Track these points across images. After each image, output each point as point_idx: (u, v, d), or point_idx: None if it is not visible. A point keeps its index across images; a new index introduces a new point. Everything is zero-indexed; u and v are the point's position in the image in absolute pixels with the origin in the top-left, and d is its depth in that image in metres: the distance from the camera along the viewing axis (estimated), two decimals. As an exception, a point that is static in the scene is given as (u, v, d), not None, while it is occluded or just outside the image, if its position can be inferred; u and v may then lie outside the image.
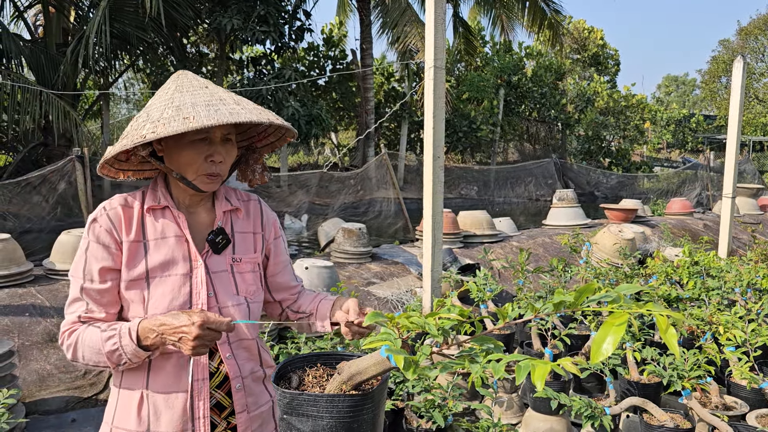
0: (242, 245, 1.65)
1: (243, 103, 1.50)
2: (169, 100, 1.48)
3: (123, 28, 11.31)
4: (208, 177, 1.53)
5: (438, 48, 4.60)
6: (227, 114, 1.42)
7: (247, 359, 1.63)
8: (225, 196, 1.68)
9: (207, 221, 1.63)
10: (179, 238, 1.55)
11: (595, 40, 26.46)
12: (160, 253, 1.53)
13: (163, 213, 1.57)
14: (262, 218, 1.74)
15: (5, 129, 12.97)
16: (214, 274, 1.57)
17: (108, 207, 1.54)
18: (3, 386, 3.50)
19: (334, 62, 19.63)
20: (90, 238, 1.51)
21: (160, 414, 1.51)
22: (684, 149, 29.58)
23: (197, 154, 1.50)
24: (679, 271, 5.31)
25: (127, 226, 1.52)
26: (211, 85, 1.54)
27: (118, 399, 1.56)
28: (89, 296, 1.50)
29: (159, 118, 1.43)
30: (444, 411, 3.10)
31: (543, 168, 18.06)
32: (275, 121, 1.50)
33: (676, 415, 3.21)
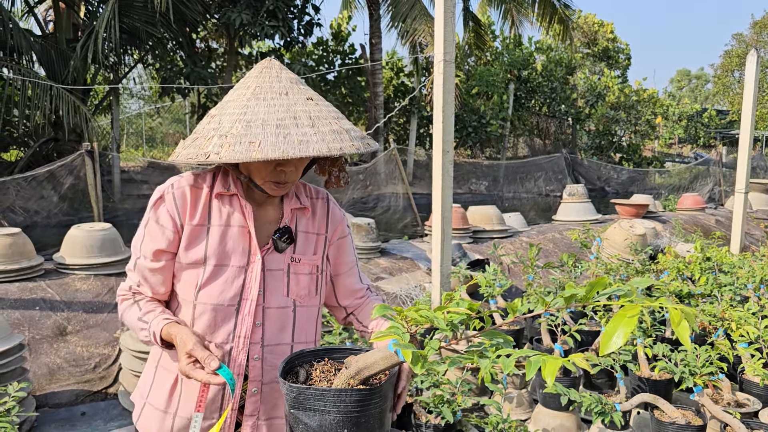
0: (303, 245, 1.60)
1: (319, 123, 1.39)
2: (244, 108, 1.39)
3: (132, 24, 11.33)
4: (275, 184, 1.48)
5: (447, 42, 4.57)
6: (295, 144, 1.32)
7: (275, 366, 1.54)
8: (295, 193, 1.63)
9: (273, 216, 1.59)
10: (243, 228, 1.52)
11: (605, 34, 26.24)
12: (221, 240, 1.50)
13: (231, 201, 1.53)
14: (328, 218, 1.68)
15: (16, 124, 13.04)
16: (269, 272, 1.54)
17: (176, 185, 1.51)
18: (13, 379, 3.52)
19: (343, 57, 19.58)
20: (151, 215, 1.50)
21: (189, 400, 1.52)
22: (696, 144, 29.32)
23: (267, 164, 1.45)
24: (690, 267, 5.26)
25: (192, 209, 1.50)
26: (292, 91, 1.43)
27: (155, 376, 1.57)
28: (140, 272, 1.51)
29: (227, 133, 1.36)
30: (453, 406, 3.08)
31: (553, 163, 17.97)
32: (348, 150, 1.38)
33: (688, 412, 3.18)
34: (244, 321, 1.50)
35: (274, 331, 1.54)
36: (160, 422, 1.54)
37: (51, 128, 12.57)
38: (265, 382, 1.55)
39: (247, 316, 1.50)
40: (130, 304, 1.52)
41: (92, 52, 10.63)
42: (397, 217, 11.20)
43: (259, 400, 1.54)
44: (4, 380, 3.40)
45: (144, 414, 1.58)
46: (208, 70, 13.83)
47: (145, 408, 1.58)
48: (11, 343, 3.64)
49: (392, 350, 1.27)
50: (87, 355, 4.34)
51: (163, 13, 10.66)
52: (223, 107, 1.45)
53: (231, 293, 1.49)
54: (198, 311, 1.50)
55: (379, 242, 6.59)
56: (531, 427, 3.64)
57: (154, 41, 13.04)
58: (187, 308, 1.52)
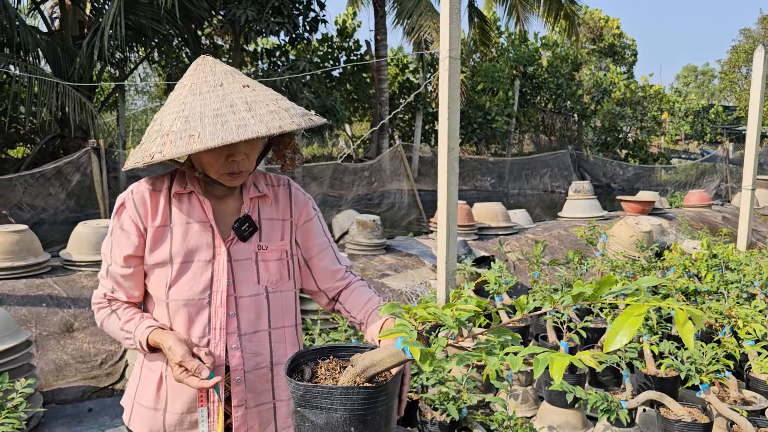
0: (269, 233, 1.62)
1: (256, 107, 1.42)
2: (182, 105, 1.43)
3: (138, 20, 11.35)
4: (230, 175, 1.51)
5: (453, 38, 4.56)
6: (233, 129, 1.35)
7: (256, 353, 1.58)
8: (254, 182, 1.64)
9: (234, 208, 1.61)
10: (204, 224, 1.55)
11: (611, 29, 26.13)
12: (184, 238, 1.54)
13: (190, 198, 1.56)
14: (291, 203, 1.69)
15: (23, 121, 13.09)
16: (237, 262, 1.56)
17: (136, 191, 1.55)
18: (21, 376, 3.54)
19: (348, 53, 19.57)
20: (115, 223, 1.55)
21: (177, 395, 1.55)
22: (702, 140, 29.18)
23: (217, 156, 1.47)
24: (697, 264, 5.24)
25: (153, 211, 1.53)
26: (227, 81, 1.47)
27: (141, 375, 1.61)
28: (113, 278, 1.57)
29: (168, 132, 1.39)
30: (458, 403, 3.08)
31: (559, 160, 17.92)
32: (287, 128, 1.41)
33: (694, 410, 3.17)
34: (217, 313, 1.53)
35: (249, 320, 1.57)
36: (150, 420, 1.57)
37: (57, 125, 12.63)
38: (247, 370, 1.57)
39: (220, 308, 1.53)
40: (108, 313, 1.58)
41: (98, 49, 10.66)
42: (402, 214, 11.20)
43: (245, 389, 1.57)
44: (11, 376, 3.41)
45: (134, 414, 1.61)
46: (213, 67, 13.84)
47: (135, 408, 1.61)
48: (18, 339, 3.66)
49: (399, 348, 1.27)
50: (93, 351, 4.36)
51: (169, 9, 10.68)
52: (163, 109, 1.48)
53: (200, 287, 1.52)
54: (172, 309, 1.53)
55: (384, 239, 6.59)
56: (536, 424, 3.64)
57: (160, 38, 13.06)
58: (161, 307, 1.56)
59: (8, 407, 2.83)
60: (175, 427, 1.57)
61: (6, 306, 4.33)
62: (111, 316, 1.57)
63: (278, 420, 1.64)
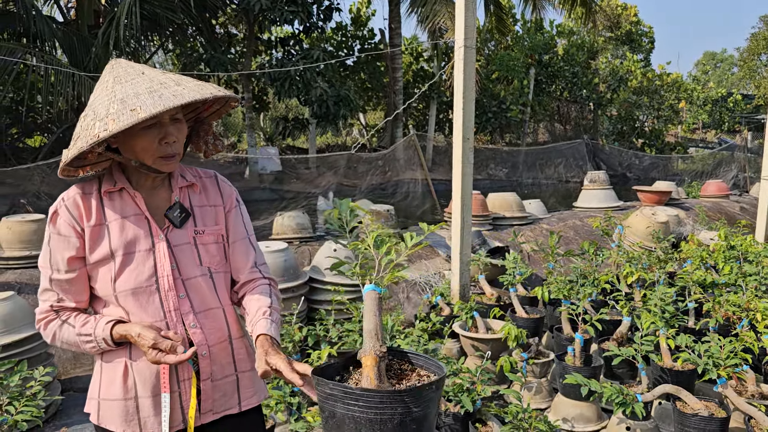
0: (203, 218, 1.71)
1: (183, 82, 1.53)
2: (111, 93, 1.50)
3: (153, 10, 11.36)
4: (164, 159, 1.58)
5: (469, 27, 4.52)
6: (171, 97, 1.45)
7: (215, 328, 1.67)
8: (180, 173, 1.73)
9: (165, 198, 1.69)
10: (138, 216, 1.62)
11: (628, 17, 25.77)
12: (121, 232, 1.59)
13: (121, 195, 1.63)
14: (220, 191, 1.78)
15: (40, 110, 13.18)
16: (176, 247, 1.63)
17: (66, 198, 1.60)
18: (39, 364, 3.58)
19: (363, 42, 19.48)
20: (51, 230, 1.59)
21: (146, 379, 1.60)
22: (720, 129, 28.78)
23: (151, 140, 1.54)
24: (714, 256, 5.18)
25: (87, 213, 1.59)
26: (148, 70, 1.56)
27: (101, 372, 1.64)
28: (59, 286, 1.59)
29: (107, 115, 1.45)
30: (472, 395, 3.08)
31: (574, 149, 17.77)
32: (218, 93, 1.53)
33: (711, 404, 3.15)
34: (167, 296, 1.60)
35: (200, 299, 1.65)
36: (122, 410, 1.61)
37: (74, 114, 12.69)
38: (211, 345, 1.65)
39: (169, 291, 1.60)
40: (58, 325, 1.60)
41: (113, 39, 10.69)
42: (415, 204, 11.17)
43: (210, 363, 1.65)
44: (30, 365, 3.46)
45: (103, 410, 1.63)
46: (227, 56, 13.85)
47: (102, 405, 1.63)
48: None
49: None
50: (110, 339, 4.40)
51: (183, -2, 10.68)
52: (89, 107, 1.54)
53: (145, 275, 1.59)
54: (121, 300, 1.59)
55: (399, 229, 6.58)
56: (551, 416, 3.63)
57: (174, 27, 13.08)
58: (112, 303, 1.61)
59: (27, 395, 2.87)
60: (150, 412, 1.61)
61: (24, 295, 4.39)
62: (63, 326, 1.59)
63: (241, 390, 1.73)
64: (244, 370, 1.74)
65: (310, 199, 10.46)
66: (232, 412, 1.71)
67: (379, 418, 1.27)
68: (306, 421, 3.00)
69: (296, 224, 6.34)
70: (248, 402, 1.74)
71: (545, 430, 2.92)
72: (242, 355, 1.74)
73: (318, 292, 4.94)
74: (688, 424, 3.05)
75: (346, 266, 1.55)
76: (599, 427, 3.53)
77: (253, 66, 15.12)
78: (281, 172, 14.15)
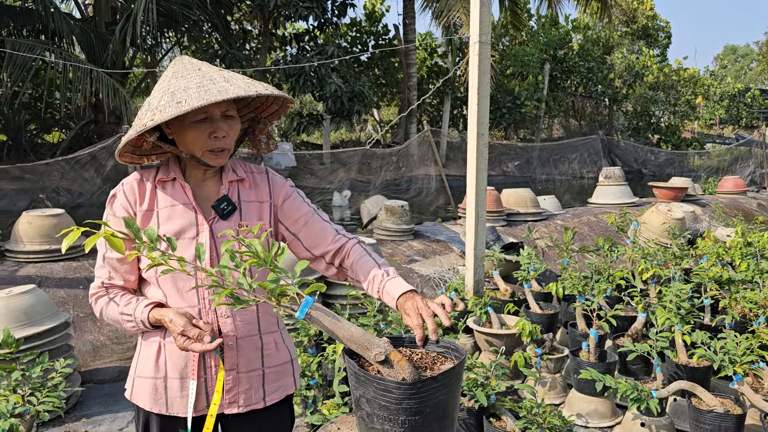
0: (248, 212, 1.75)
1: (233, 79, 1.58)
2: (166, 87, 1.59)
3: (169, 6, 11.44)
4: (212, 153, 1.65)
5: (483, 22, 4.51)
6: (216, 93, 1.51)
7: (245, 321, 1.71)
8: (232, 168, 1.78)
9: (214, 191, 1.75)
10: (187, 205, 1.69)
11: (645, 11, 25.52)
12: (170, 220, 1.67)
13: (173, 184, 1.71)
14: (270, 186, 1.82)
15: (58, 107, 13.35)
16: (219, 239, 1.69)
17: (125, 183, 1.71)
18: (60, 356, 3.65)
19: (377, 38, 19.47)
20: (109, 212, 1.70)
21: (176, 362, 1.68)
22: (738, 125, 28.44)
23: (200, 133, 1.61)
24: (731, 252, 5.14)
25: (141, 198, 1.68)
26: (205, 67, 1.63)
27: (140, 351, 1.74)
28: (110, 264, 1.69)
29: (157, 106, 1.55)
30: (487, 390, 3.09)
31: (589, 145, 17.65)
32: (263, 92, 1.57)
33: (727, 401, 3.14)
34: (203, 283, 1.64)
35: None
36: (152, 388, 1.69)
37: (91, 110, 12.85)
38: (239, 337, 1.69)
39: (206, 279, 1.62)
40: (106, 302, 1.69)
41: (130, 35, 10.78)
42: (429, 200, 11.18)
43: (236, 354, 1.69)
44: (51, 356, 3.52)
45: (136, 387, 1.73)
46: (243, 52, 13.91)
47: (136, 381, 1.73)
48: (57, 320, 3.77)
49: None
50: (128, 333, 4.46)
51: (199, -5, 10.74)
52: (150, 96, 1.64)
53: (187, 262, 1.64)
54: (162, 283, 1.67)
55: (413, 224, 6.60)
56: (565, 411, 3.64)
57: (190, 23, 13.16)
58: (153, 285, 1.69)
59: (49, 386, 2.93)
60: (176, 392, 1.69)
61: (45, 288, 4.46)
62: (110, 303, 1.68)
63: (266, 385, 1.76)
64: (270, 366, 1.76)
65: (324, 195, 10.50)
66: (257, 407, 1.74)
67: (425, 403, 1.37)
68: (322, 414, 3.03)
69: (311, 219, 6.38)
70: (272, 397, 1.77)
71: (559, 425, 2.93)
72: (270, 351, 1.77)
73: (333, 287, 4.97)
74: (704, 421, 3.04)
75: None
76: (614, 422, 3.53)
77: (268, 62, 15.18)
78: (296, 168, 14.20)
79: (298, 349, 3.50)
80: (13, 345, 2.91)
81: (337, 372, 3.30)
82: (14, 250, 5.05)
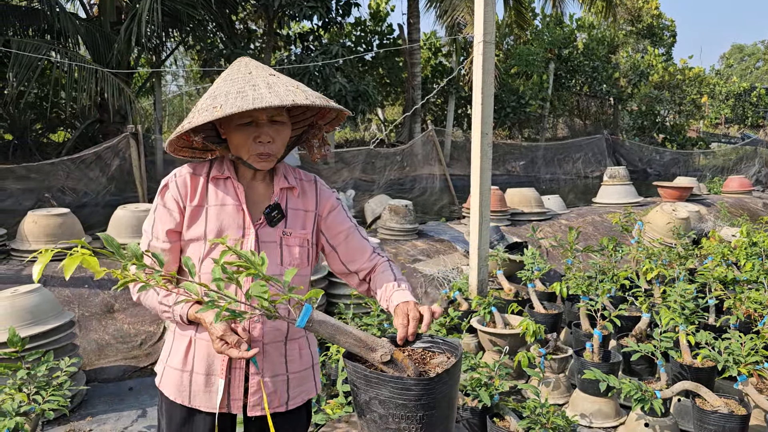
0: (294, 221, 1.77)
1: (275, 87, 1.56)
2: (214, 90, 1.62)
3: (174, 6, 11.46)
4: (258, 156, 1.65)
5: (488, 22, 4.51)
6: (251, 100, 1.51)
7: (274, 327, 1.72)
8: (284, 174, 1.80)
9: (264, 195, 1.76)
10: (236, 206, 1.70)
11: (649, 10, 25.43)
12: (218, 217, 1.69)
13: (225, 183, 1.72)
14: (317, 196, 1.84)
15: (63, 106, 13.40)
16: (263, 244, 1.70)
17: (178, 174, 1.72)
18: (65, 355, 3.66)
19: (381, 37, 19.46)
20: (159, 201, 1.71)
21: (202, 359, 1.71)
22: (743, 124, 28.31)
23: (245, 137, 1.63)
24: (736, 252, 5.13)
25: (192, 192, 1.70)
26: (257, 70, 1.63)
27: (173, 340, 1.78)
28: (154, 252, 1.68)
29: (199, 109, 1.58)
30: (490, 390, 3.10)
31: (593, 144, 17.61)
32: (299, 101, 1.53)
33: (731, 401, 3.13)
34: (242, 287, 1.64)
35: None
36: (178, 379, 1.73)
37: (96, 110, 12.87)
38: (266, 342, 1.71)
39: (245, 283, 1.65)
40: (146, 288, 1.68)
41: (135, 35, 10.80)
42: (433, 199, 11.17)
43: (262, 360, 1.71)
44: (56, 355, 3.54)
45: (165, 376, 1.77)
46: (247, 52, 13.93)
47: (165, 370, 1.77)
48: (63, 319, 3.79)
49: None
50: (134, 332, 4.48)
51: (204, -6, 10.75)
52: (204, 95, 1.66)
53: None
54: (203, 280, 1.66)
55: (416, 224, 6.60)
56: (569, 411, 3.64)
57: (195, 23, 13.18)
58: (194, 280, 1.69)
59: (54, 385, 2.95)
60: (200, 387, 1.72)
61: (50, 287, 4.48)
62: (149, 290, 1.68)
63: (290, 390, 1.78)
64: (294, 372, 1.79)
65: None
66: (280, 410, 1.76)
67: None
68: (325, 413, 3.04)
69: (315, 219, 6.38)
70: (294, 401, 1.80)
71: (563, 425, 2.93)
72: (294, 357, 1.79)
73: (337, 287, 4.97)
74: (708, 422, 3.04)
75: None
76: (617, 423, 3.53)
77: (273, 61, 15.18)
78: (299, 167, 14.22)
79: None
80: (19, 344, 2.92)
81: (341, 371, 3.30)
82: (20, 249, 5.07)
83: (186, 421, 1.74)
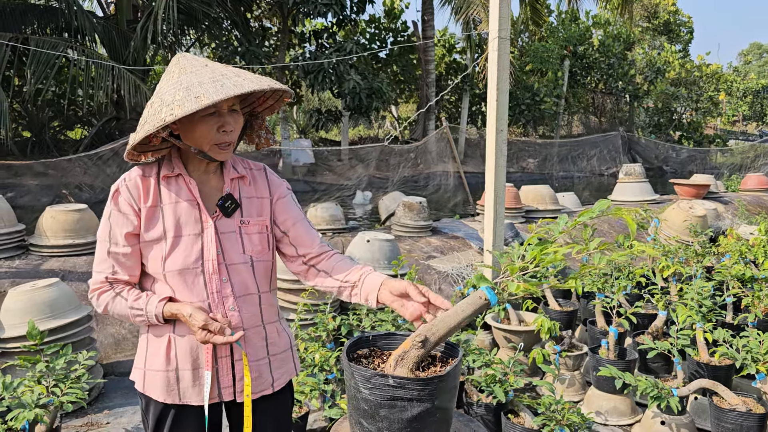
0: (249, 209, 1.80)
1: (243, 74, 1.62)
2: (177, 82, 1.60)
3: (189, 4, 11.54)
4: (220, 147, 1.68)
5: (503, 18, 4.49)
6: (232, 87, 1.54)
7: (251, 313, 1.77)
8: (232, 165, 1.82)
9: (217, 187, 1.79)
10: (191, 202, 1.72)
11: (666, 6, 25.19)
12: (174, 215, 1.71)
13: (177, 180, 1.74)
14: (269, 183, 1.87)
15: (81, 104, 13.52)
16: (223, 235, 1.74)
17: (127, 178, 1.73)
18: (82, 348, 3.70)
19: (395, 34, 19.45)
20: (113, 207, 1.71)
21: (186, 353, 1.72)
22: (762, 122, 27.98)
23: (210, 127, 1.64)
24: (754, 250, 5.06)
25: (145, 194, 1.71)
26: (211, 63, 1.66)
27: (147, 343, 1.77)
28: (115, 259, 1.71)
29: (173, 101, 1.56)
30: (505, 386, 3.09)
31: (608, 141, 17.51)
32: (275, 86, 1.63)
33: (749, 399, 3.10)
34: (211, 279, 1.71)
35: (240, 284, 1.76)
36: (164, 380, 1.73)
37: (113, 107, 12.99)
38: (246, 328, 1.75)
39: (213, 275, 1.71)
40: (111, 296, 1.71)
41: (151, 33, 10.89)
42: (447, 196, 11.16)
43: (244, 345, 1.75)
44: (74, 349, 3.58)
45: (147, 380, 1.76)
46: (262, 49, 13.98)
47: (147, 374, 1.76)
48: (80, 313, 3.83)
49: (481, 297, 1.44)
50: (150, 326, 4.52)
51: (219, -8, 10.80)
52: (156, 95, 1.65)
53: (192, 257, 1.69)
54: (169, 279, 1.70)
55: (431, 221, 6.59)
56: (584, 409, 3.62)
57: (210, 21, 13.25)
58: (160, 280, 1.72)
59: (72, 378, 2.98)
60: (189, 382, 1.73)
61: (68, 282, 4.53)
62: (116, 298, 1.70)
63: (273, 372, 1.83)
64: (275, 353, 1.84)
65: (342, 191, 10.52)
66: (266, 392, 1.81)
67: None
68: (340, 408, 3.05)
69: (329, 215, 6.40)
70: (279, 383, 1.85)
71: (578, 422, 2.91)
72: (273, 339, 1.84)
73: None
74: (725, 420, 3.01)
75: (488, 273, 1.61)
76: (633, 420, 3.51)
77: (287, 59, 15.24)
78: (314, 164, 14.26)
79: (316, 344, 3.52)
80: (38, 337, 2.96)
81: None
82: (38, 245, 5.13)
83: (177, 419, 1.76)
